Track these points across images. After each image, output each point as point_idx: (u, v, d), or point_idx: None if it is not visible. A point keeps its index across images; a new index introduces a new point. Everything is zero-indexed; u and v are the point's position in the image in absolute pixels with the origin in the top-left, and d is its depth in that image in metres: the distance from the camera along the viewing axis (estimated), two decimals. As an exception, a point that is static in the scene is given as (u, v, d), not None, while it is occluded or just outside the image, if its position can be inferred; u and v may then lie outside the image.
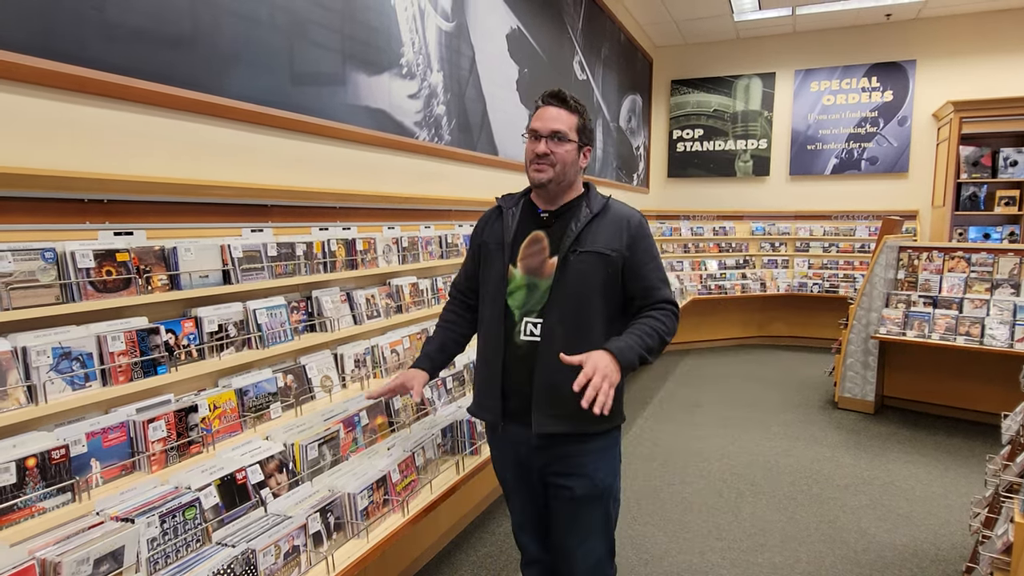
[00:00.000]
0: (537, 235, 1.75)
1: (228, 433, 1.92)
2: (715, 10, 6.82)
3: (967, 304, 4.51)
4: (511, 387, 1.74)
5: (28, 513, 1.41)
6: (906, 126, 7.18)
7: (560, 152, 1.69)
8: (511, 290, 1.74)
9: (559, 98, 1.73)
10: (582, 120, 1.74)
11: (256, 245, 2.10)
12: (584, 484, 1.74)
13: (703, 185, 8.27)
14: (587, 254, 1.68)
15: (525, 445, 1.76)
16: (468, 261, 1.97)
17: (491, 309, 1.78)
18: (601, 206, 1.74)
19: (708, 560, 2.83)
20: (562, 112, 1.72)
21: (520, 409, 1.73)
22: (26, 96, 1.56)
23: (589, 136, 1.78)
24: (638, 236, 1.73)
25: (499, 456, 1.91)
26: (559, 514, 1.81)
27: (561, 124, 1.70)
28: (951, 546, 2.97)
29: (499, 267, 1.77)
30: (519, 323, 1.72)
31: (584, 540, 1.78)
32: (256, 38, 2.20)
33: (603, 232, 1.70)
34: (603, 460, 1.77)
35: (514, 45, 4.29)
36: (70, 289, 1.58)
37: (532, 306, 1.71)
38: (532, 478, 1.82)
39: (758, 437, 4.42)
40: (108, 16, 1.71)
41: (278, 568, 1.65)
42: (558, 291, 1.68)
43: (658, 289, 1.73)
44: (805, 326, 7.54)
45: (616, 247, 1.69)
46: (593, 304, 1.69)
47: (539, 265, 1.72)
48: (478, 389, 1.87)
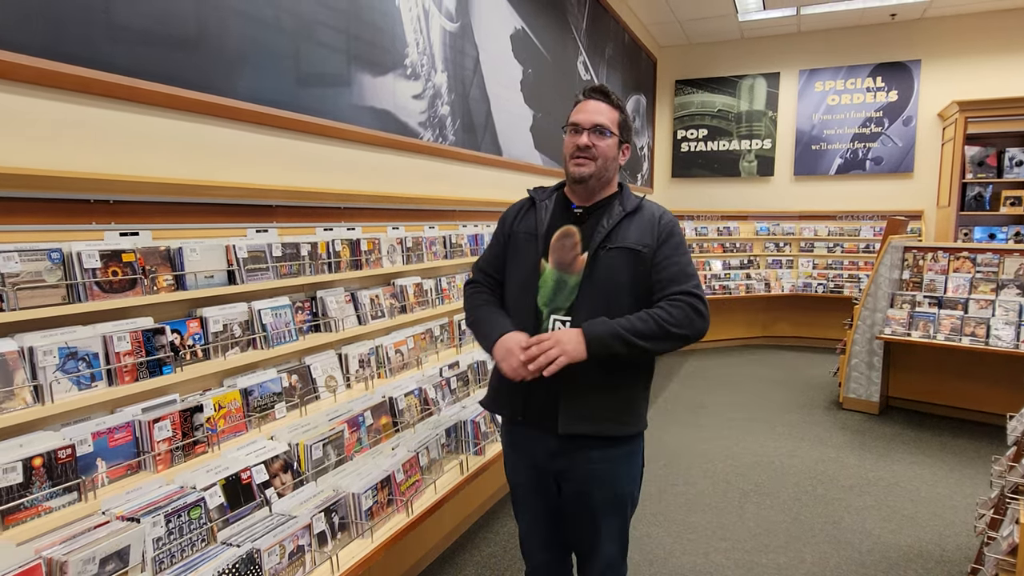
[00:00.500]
0: (569, 229, 1.70)
1: (233, 433, 1.92)
2: (719, 10, 6.81)
3: (972, 305, 4.50)
4: (534, 384, 1.64)
5: (34, 512, 1.42)
6: (911, 126, 7.16)
7: (602, 146, 1.66)
8: (540, 284, 1.69)
9: (601, 92, 1.70)
10: (623, 116, 1.71)
11: (261, 245, 2.10)
12: (604, 492, 1.70)
13: (707, 185, 8.26)
14: (617, 250, 1.64)
15: (544, 447, 1.71)
16: (494, 249, 1.87)
17: (518, 301, 1.73)
18: (635, 205, 1.71)
19: (712, 561, 2.83)
20: (604, 106, 1.69)
21: (543, 408, 1.67)
22: (33, 97, 1.57)
23: (629, 133, 1.75)
24: (667, 232, 1.68)
25: (515, 457, 1.83)
26: (575, 518, 1.77)
27: (603, 117, 1.67)
28: (956, 547, 2.96)
29: (530, 259, 1.71)
30: (546, 320, 1.67)
31: (599, 544, 1.75)
32: (262, 39, 2.20)
33: (635, 229, 1.67)
34: (624, 467, 1.73)
35: (518, 45, 4.29)
36: (76, 289, 1.58)
37: (560, 303, 1.66)
38: (547, 482, 1.76)
39: (763, 438, 4.41)
40: (114, 18, 1.72)
41: (283, 568, 1.65)
42: (587, 288, 1.63)
43: (674, 282, 1.64)
44: (809, 326, 7.52)
45: (647, 243, 1.65)
46: (622, 301, 1.63)
47: (570, 261, 1.67)
48: (497, 382, 1.77)
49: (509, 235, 1.81)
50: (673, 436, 4.44)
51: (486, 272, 1.87)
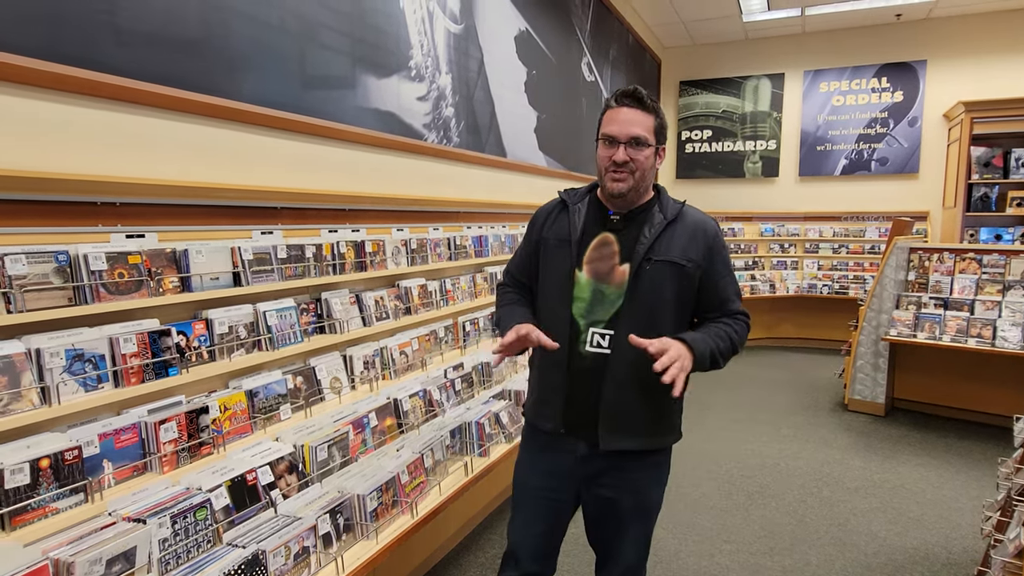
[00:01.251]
0: (607, 238, 1.62)
1: (238, 434, 1.93)
2: (724, 11, 6.80)
3: (979, 306, 4.48)
4: (573, 398, 1.63)
5: (41, 513, 1.43)
6: (916, 127, 7.13)
7: (640, 159, 1.56)
8: (576, 295, 1.62)
9: (635, 98, 1.57)
10: (659, 120, 1.60)
11: (266, 247, 2.11)
12: (632, 499, 1.68)
13: (712, 186, 8.25)
14: (662, 264, 1.57)
15: (574, 455, 1.66)
16: (523, 254, 1.81)
17: (552, 313, 1.66)
18: (676, 213, 1.62)
19: (718, 562, 2.82)
20: (639, 114, 1.57)
21: (580, 422, 1.63)
22: (40, 100, 1.58)
23: (663, 135, 1.63)
24: (715, 247, 1.62)
25: (536, 462, 1.75)
26: (600, 522, 1.74)
27: (640, 128, 1.56)
28: (962, 550, 2.94)
29: (563, 267, 1.64)
30: (584, 332, 1.61)
31: (622, 549, 1.73)
32: (266, 42, 2.21)
33: (678, 240, 1.59)
34: (654, 476, 1.71)
35: (522, 47, 4.29)
36: (83, 291, 1.59)
37: (600, 316, 1.60)
38: (565, 489, 1.70)
39: (768, 439, 4.40)
40: (120, 21, 1.73)
41: (288, 569, 1.65)
42: (631, 302, 1.57)
43: (731, 301, 1.65)
44: (814, 328, 7.50)
45: (693, 257, 1.59)
46: (666, 317, 1.59)
47: (608, 271, 1.60)
48: (538, 396, 1.72)
49: (539, 240, 1.73)
50: (678, 437, 4.43)
51: (515, 276, 1.84)
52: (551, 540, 1.77)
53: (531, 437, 1.78)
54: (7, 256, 1.44)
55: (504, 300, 1.81)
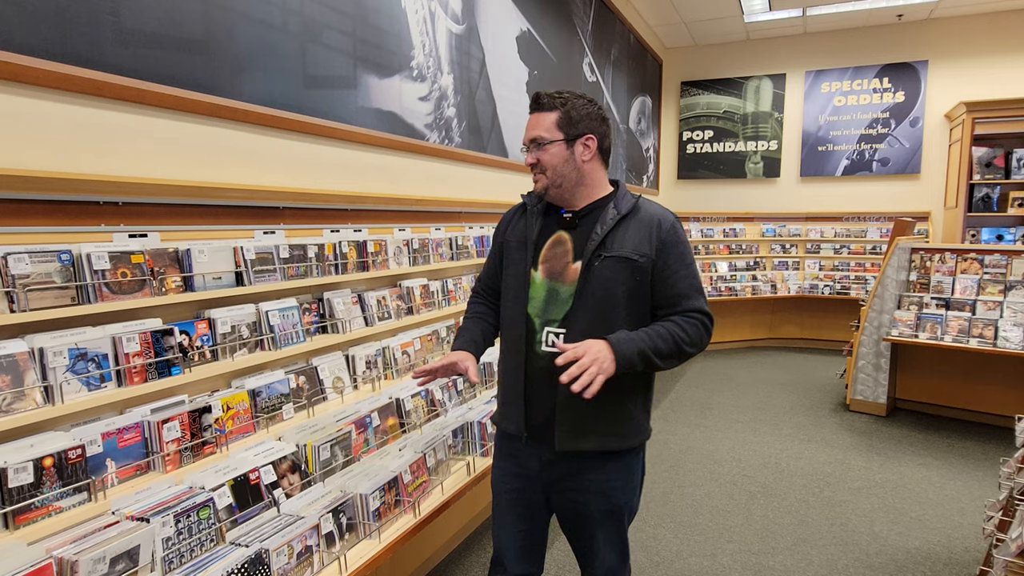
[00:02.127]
0: (560, 236, 1.64)
1: (241, 434, 1.93)
2: (725, 11, 6.80)
3: (980, 306, 4.48)
4: (532, 398, 1.64)
5: (45, 512, 1.43)
6: (918, 127, 7.13)
7: (545, 158, 1.60)
8: (531, 295, 1.63)
9: (535, 101, 1.63)
10: (563, 113, 1.59)
11: (268, 247, 2.11)
12: (600, 503, 1.66)
13: (713, 187, 8.25)
14: (613, 259, 1.56)
15: (538, 458, 1.67)
16: (492, 260, 1.86)
17: (511, 313, 1.68)
18: (630, 207, 1.61)
19: (719, 563, 2.82)
20: (538, 115, 1.61)
21: (541, 423, 1.64)
22: (43, 100, 1.58)
23: (582, 125, 1.60)
24: (669, 240, 1.59)
25: (503, 464, 1.78)
26: (571, 527, 1.74)
27: (538, 129, 1.60)
28: (964, 549, 2.94)
29: (521, 268, 1.66)
30: (540, 332, 1.61)
31: (598, 551, 1.72)
32: (269, 42, 2.21)
33: (631, 235, 1.58)
34: (622, 479, 1.67)
35: (524, 47, 4.30)
36: (86, 291, 1.59)
37: (553, 314, 1.60)
38: (535, 492, 1.72)
39: (769, 439, 4.40)
40: (123, 21, 1.73)
41: (291, 568, 1.66)
42: (581, 299, 1.57)
43: (688, 298, 1.59)
44: (816, 328, 7.50)
45: (645, 251, 1.57)
46: (617, 314, 1.57)
47: (561, 269, 1.61)
48: (502, 398, 1.75)
49: (503, 244, 1.77)
50: (679, 437, 4.43)
51: (484, 283, 1.88)
52: (532, 541, 1.78)
53: (499, 442, 1.81)
54: (11, 255, 1.44)
55: (467, 313, 1.88)
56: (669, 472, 3.83)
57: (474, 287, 1.92)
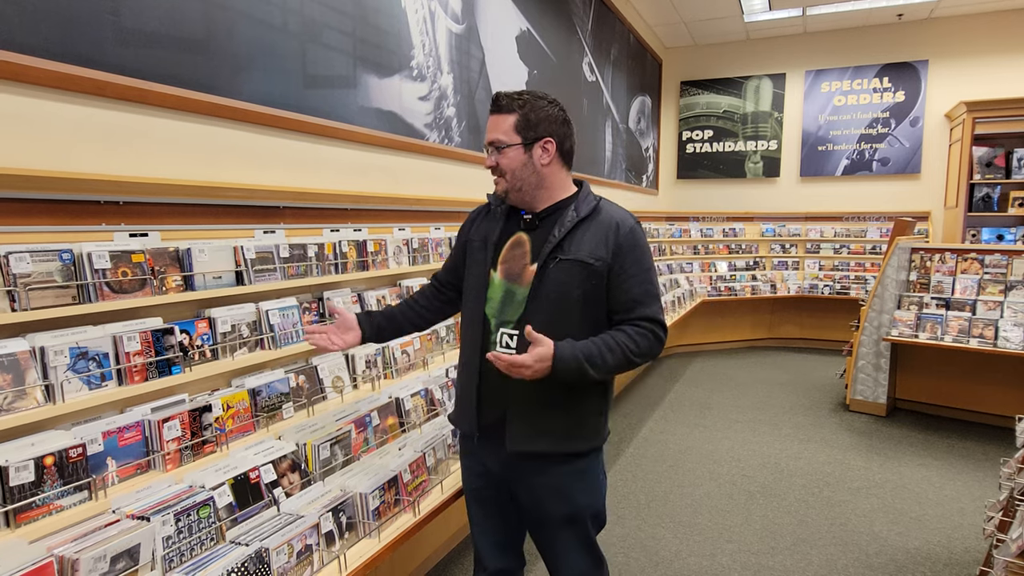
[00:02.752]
0: (520, 238, 1.63)
1: (241, 433, 1.93)
2: (725, 11, 6.80)
3: (980, 306, 4.48)
4: (486, 398, 1.64)
5: (46, 511, 1.43)
6: (918, 127, 7.13)
7: (503, 161, 1.58)
8: (489, 296, 1.64)
9: (494, 103, 1.60)
10: (521, 115, 1.56)
11: (268, 246, 2.12)
12: (559, 507, 1.65)
13: (713, 186, 8.25)
14: (568, 263, 1.54)
15: (497, 458, 1.68)
16: (453, 255, 1.86)
17: (469, 313, 1.69)
18: (590, 209, 1.59)
19: (719, 563, 2.82)
20: (496, 117, 1.59)
21: (494, 423, 1.64)
22: (44, 100, 1.58)
23: (541, 128, 1.57)
24: (626, 244, 1.56)
25: (467, 463, 1.81)
26: (533, 531, 1.74)
27: (496, 132, 1.58)
28: (964, 550, 2.94)
29: (481, 268, 1.67)
30: (495, 332, 1.62)
31: (565, 557, 1.71)
32: (269, 42, 2.21)
33: (589, 238, 1.56)
34: (580, 483, 1.66)
35: (524, 47, 4.30)
36: (87, 290, 1.59)
37: (508, 315, 1.60)
38: (499, 489, 1.73)
39: (769, 439, 4.40)
40: (124, 21, 1.73)
41: (291, 567, 1.66)
42: (535, 302, 1.56)
43: (640, 304, 1.56)
44: (816, 328, 7.50)
45: (601, 255, 1.54)
46: (572, 318, 1.55)
47: (519, 271, 1.60)
48: (457, 396, 1.78)
49: (466, 242, 1.77)
50: (678, 437, 4.44)
51: (438, 278, 1.90)
52: (506, 536, 1.80)
53: (461, 440, 1.83)
54: (12, 255, 1.44)
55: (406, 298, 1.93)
56: (668, 472, 3.83)
57: (431, 278, 1.94)
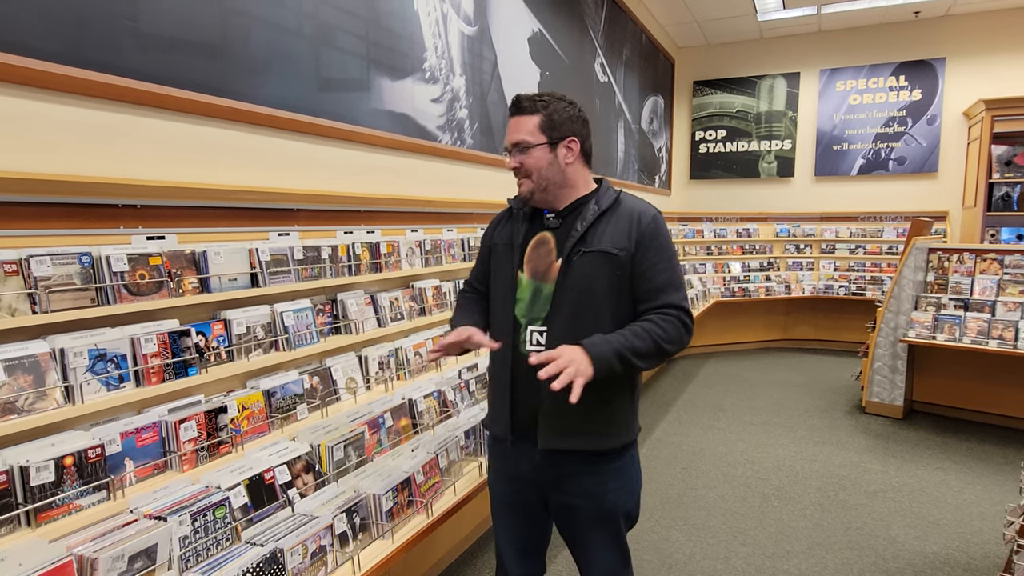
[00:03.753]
0: (544, 236, 1.65)
1: (256, 434, 1.95)
2: (738, 10, 6.76)
3: (1000, 307, 4.41)
4: (519, 400, 1.64)
5: (65, 510, 1.45)
6: (935, 125, 7.05)
7: (529, 162, 1.59)
8: (518, 297, 1.64)
9: (515, 104, 1.62)
10: (545, 116, 1.59)
11: (283, 249, 2.13)
12: (592, 506, 1.65)
13: (726, 186, 8.20)
14: (591, 254, 1.56)
15: (529, 461, 1.66)
16: (479, 263, 1.88)
17: (499, 316, 1.70)
18: (611, 201, 1.61)
19: (733, 566, 2.80)
20: (520, 118, 1.61)
21: (527, 424, 1.63)
22: (64, 105, 1.60)
23: (564, 128, 1.60)
24: (649, 233, 1.57)
25: (497, 467, 1.79)
26: (566, 531, 1.73)
27: (520, 133, 1.59)
28: (984, 555, 2.90)
29: (508, 271, 1.67)
30: (524, 331, 1.63)
31: (596, 556, 1.70)
32: (284, 46, 2.23)
33: (611, 229, 1.58)
34: (615, 482, 1.66)
35: (536, 48, 4.30)
36: (105, 292, 1.62)
37: (536, 313, 1.61)
38: (528, 494, 1.71)
39: (783, 441, 4.37)
40: (141, 26, 1.75)
41: (305, 567, 1.67)
42: (561, 296, 1.57)
43: (665, 292, 1.57)
44: (831, 329, 7.43)
45: (624, 245, 1.56)
46: (600, 310, 1.56)
47: (545, 269, 1.62)
48: (490, 401, 1.77)
49: (490, 247, 1.79)
50: (692, 439, 4.41)
51: (473, 285, 1.90)
52: (532, 544, 1.78)
53: (492, 444, 1.81)
54: (33, 258, 1.47)
55: (460, 301, 1.90)
56: (682, 474, 3.81)
57: (463, 286, 1.94)
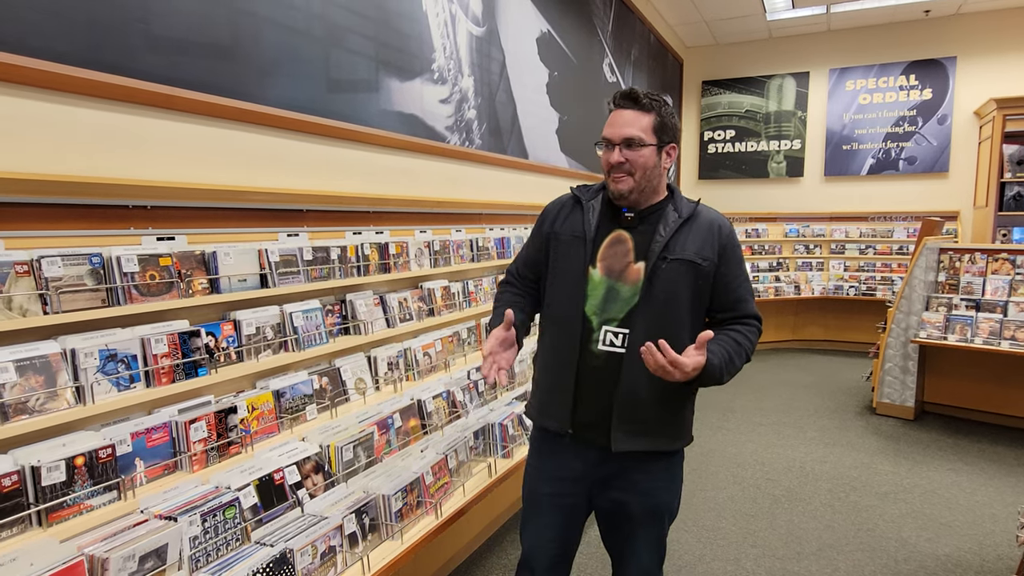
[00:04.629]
0: (621, 235, 1.61)
1: (266, 434, 1.95)
2: (747, 9, 6.73)
3: (1012, 307, 4.37)
4: (583, 398, 1.61)
5: (76, 510, 1.46)
6: (946, 125, 6.99)
7: (637, 159, 1.55)
8: (589, 292, 1.60)
9: (631, 98, 1.57)
10: (659, 117, 1.57)
11: (292, 249, 2.14)
12: (644, 502, 1.65)
13: (735, 187, 8.16)
14: (677, 262, 1.56)
15: (584, 459, 1.64)
16: (531, 249, 1.80)
17: (564, 310, 1.64)
18: (691, 211, 1.61)
19: (743, 567, 2.79)
20: (634, 113, 1.56)
21: (591, 423, 1.61)
22: (75, 106, 1.61)
23: (671, 133, 1.60)
24: (729, 245, 1.61)
25: (542, 465, 1.73)
26: (611, 526, 1.73)
27: (634, 128, 1.55)
28: (996, 557, 2.87)
29: (577, 264, 1.62)
30: (597, 331, 1.59)
31: (636, 553, 1.70)
32: (294, 47, 2.24)
33: (693, 239, 1.58)
34: (665, 482, 1.68)
35: (544, 48, 4.29)
36: (116, 293, 1.62)
37: (613, 314, 1.58)
38: (578, 493, 1.68)
39: (793, 443, 4.34)
40: (153, 29, 1.76)
41: (315, 568, 1.67)
42: (646, 301, 1.55)
43: (746, 302, 1.64)
44: (841, 330, 7.38)
45: (708, 256, 1.58)
46: (681, 316, 1.58)
47: (622, 269, 1.59)
48: (544, 395, 1.70)
49: (550, 234, 1.71)
50: (702, 440, 4.39)
51: (520, 273, 1.82)
52: (565, 547, 1.75)
53: (539, 440, 1.76)
54: (44, 259, 1.47)
55: (499, 295, 1.83)
56: (692, 475, 3.79)
57: (506, 275, 1.86)
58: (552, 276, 1.70)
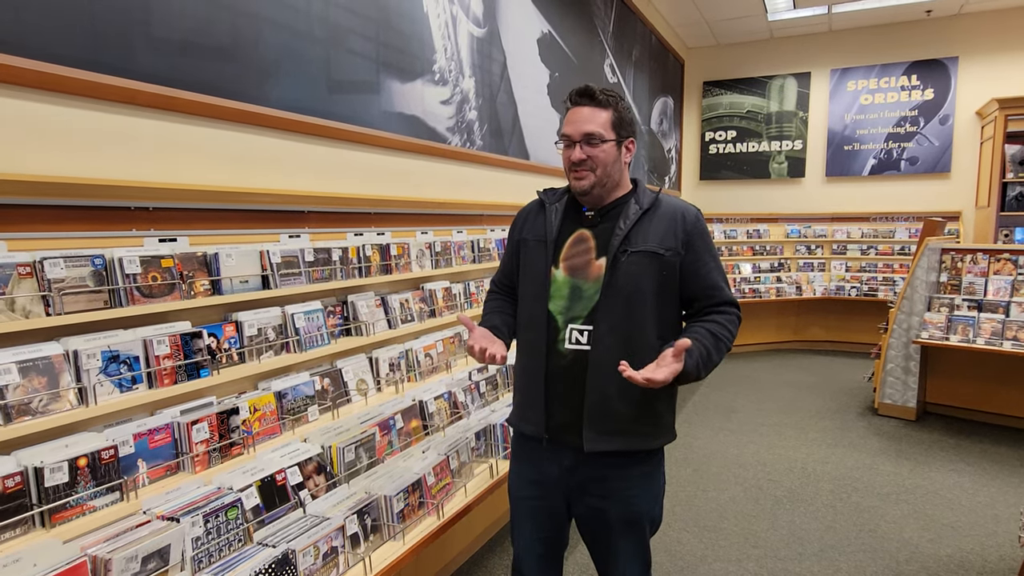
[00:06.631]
0: (583, 234, 1.62)
1: (268, 435, 1.96)
2: (748, 10, 6.73)
3: (1014, 308, 4.36)
4: (554, 399, 1.61)
5: (79, 511, 1.46)
6: (948, 125, 6.98)
7: (598, 155, 1.56)
8: (552, 293, 1.61)
9: (587, 95, 1.58)
10: (616, 113, 1.59)
11: (294, 251, 2.14)
12: (622, 508, 1.63)
13: (736, 187, 8.16)
14: (639, 254, 1.55)
15: (559, 463, 1.63)
16: (507, 259, 1.82)
17: (530, 312, 1.65)
18: (651, 202, 1.60)
19: (745, 568, 2.78)
20: (593, 111, 1.57)
21: (564, 424, 1.60)
22: (77, 108, 1.62)
23: (629, 128, 1.62)
24: (695, 232, 1.58)
25: (521, 470, 1.74)
26: (591, 536, 1.71)
27: (593, 124, 1.56)
28: (999, 558, 2.87)
29: (540, 267, 1.63)
30: (563, 330, 1.59)
31: (619, 563, 1.69)
32: (295, 48, 2.24)
33: (655, 229, 1.57)
34: (643, 487, 1.64)
35: (545, 49, 4.30)
36: (118, 294, 1.63)
37: (578, 312, 1.58)
38: (555, 499, 1.68)
39: (795, 443, 4.34)
40: (154, 30, 1.76)
41: (317, 568, 1.67)
42: (608, 296, 1.54)
43: (720, 289, 1.60)
44: (843, 330, 7.38)
45: (671, 245, 1.56)
46: (646, 309, 1.55)
47: (584, 266, 1.59)
48: (520, 400, 1.72)
49: (519, 241, 1.74)
50: (703, 441, 4.39)
51: (500, 285, 1.85)
52: (552, 549, 1.75)
53: (517, 445, 1.77)
54: (46, 260, 1.48)
55: (485, 307, 1.85)
56: (693, 476, 3.79)
57: (491, 286, 1.89)
58: (521, 280, 1.73)
